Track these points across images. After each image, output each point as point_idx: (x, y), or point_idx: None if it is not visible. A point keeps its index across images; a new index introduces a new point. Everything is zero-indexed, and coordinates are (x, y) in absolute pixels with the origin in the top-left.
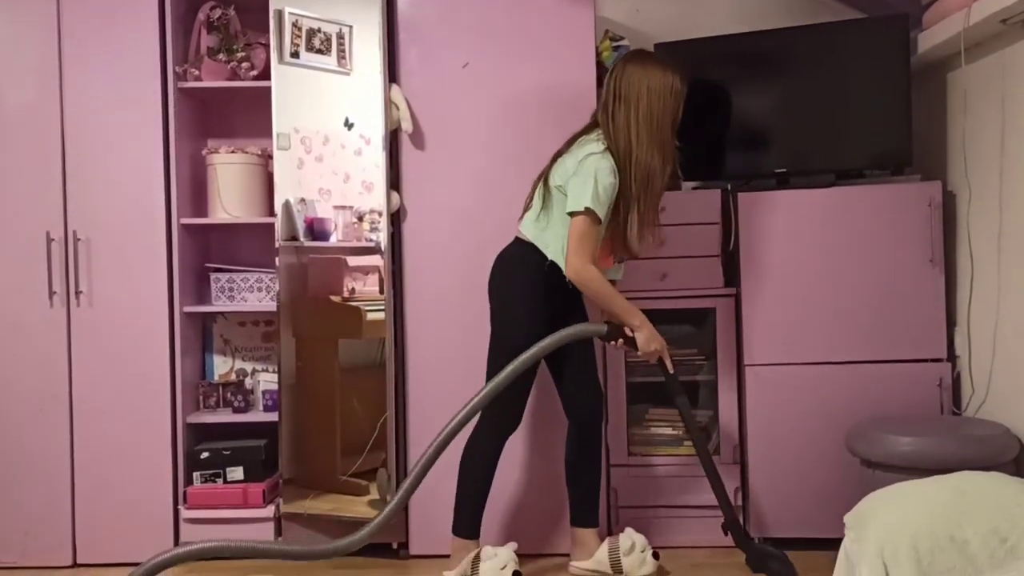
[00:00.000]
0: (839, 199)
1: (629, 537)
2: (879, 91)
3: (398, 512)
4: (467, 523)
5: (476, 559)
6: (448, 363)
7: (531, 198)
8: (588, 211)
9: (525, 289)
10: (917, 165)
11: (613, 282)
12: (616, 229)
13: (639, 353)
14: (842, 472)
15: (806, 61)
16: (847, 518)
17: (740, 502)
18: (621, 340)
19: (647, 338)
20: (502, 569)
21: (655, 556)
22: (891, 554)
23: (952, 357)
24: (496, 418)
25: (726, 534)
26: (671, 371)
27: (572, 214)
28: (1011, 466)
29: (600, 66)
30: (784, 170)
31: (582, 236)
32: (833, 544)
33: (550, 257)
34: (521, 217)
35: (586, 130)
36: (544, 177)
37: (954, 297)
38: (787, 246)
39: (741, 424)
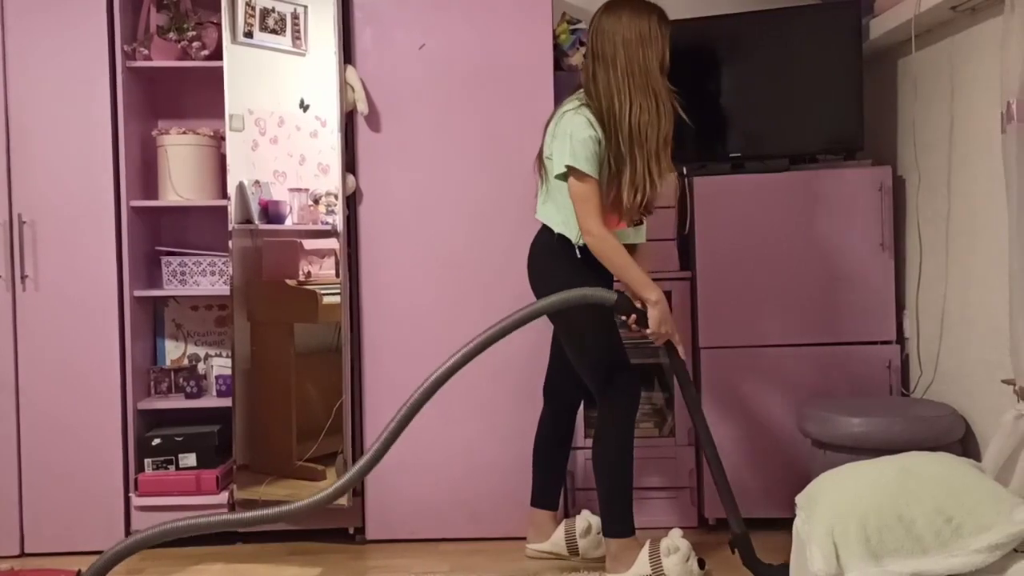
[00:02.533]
0: (792, 183)
1: (585, 519)
2: (831, 76)
3: (360, 478)
4: (628, 521)
5: (653, 554)
6: (404, 347)
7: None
8: (572, 169)
9: (558, 272)
10: (869, 150)
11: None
12: (614, 191)
13: (648, 333)
14: (794, 453)
15: (759, 46)
16: (798, 499)
17: (695, 483)
18: (634, 316)
19: (660, 317)
20: (687, 562)
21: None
22: (840, 533)
23: (901, 339)
24: (615, 397)
25: (733, 552)
26: (681, 357)
27: (559, 177)
28: (957, 446)
29: (557, 48)
30: (739, 154)
31: (581, 198)
32: (787, 524)
33: (556, 230)
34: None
35: (571, 93)
36: (539, 152)
37: (903, 280)
38: (741, 230)
39: None
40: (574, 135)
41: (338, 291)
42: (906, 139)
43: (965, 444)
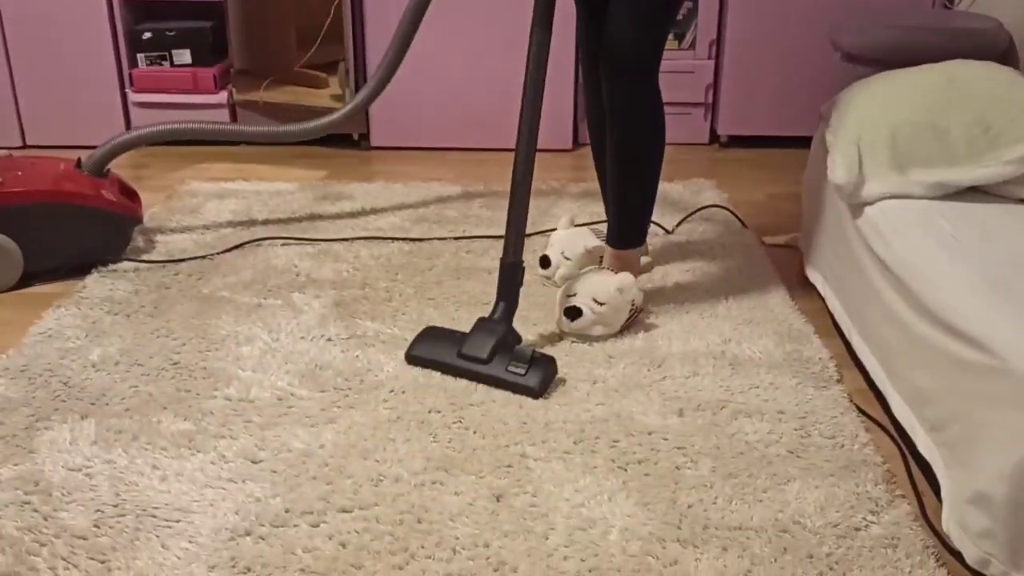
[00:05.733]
0: None
1: None
2: None
3: (368, 103)
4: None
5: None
6: None
7: None
8: None
9: None
10: None
11: None
12: None
13: None
14: (822, 69)
15: None
16: (824, 108)
17: (711, 100)
18: None
19: None
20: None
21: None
22: (868, 141)
23: None
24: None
25: None
26: None
27: None
28: (999, 61)
29: None
30: None
31: None
32: (805, 142)
33: None
34: None
35: None
36: None
37: None
38: None
39: (721, 16)
40: None
41: None
42: None
43: (1007, 58)
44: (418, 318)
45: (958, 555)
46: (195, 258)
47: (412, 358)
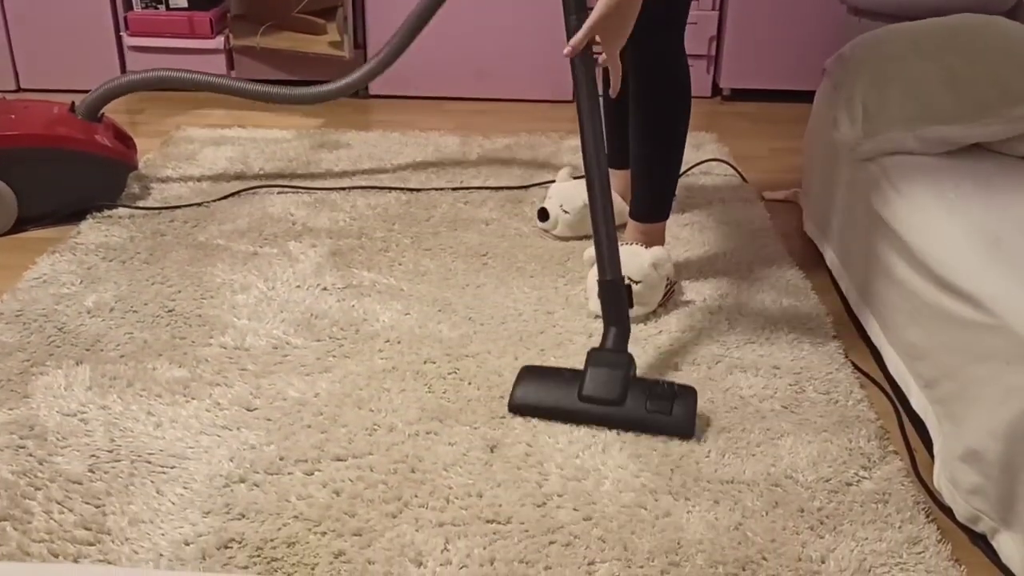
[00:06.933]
0: None
1: None
2: None
3: (371, 78)
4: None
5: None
6: None
7: None
8: None
9: None
10: None
11: None
12: None
13: None
14: (827, 23)
15: None
16: (828, 63)
17: (713, 52)
18: None
19: None
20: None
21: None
22: (872, 96)
23: None
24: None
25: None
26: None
27: None
28: (1007, 16)
29: None
30: None
31: None
32: (808, 96)
33: None
34: None
35: None
36: None
37: None
38: None
39: None
40: None
41: None
42: None
43: (1015, 14)
44: (415, 268)
45: (948, 511)
46: (191, 205)
47: (519, 407)
